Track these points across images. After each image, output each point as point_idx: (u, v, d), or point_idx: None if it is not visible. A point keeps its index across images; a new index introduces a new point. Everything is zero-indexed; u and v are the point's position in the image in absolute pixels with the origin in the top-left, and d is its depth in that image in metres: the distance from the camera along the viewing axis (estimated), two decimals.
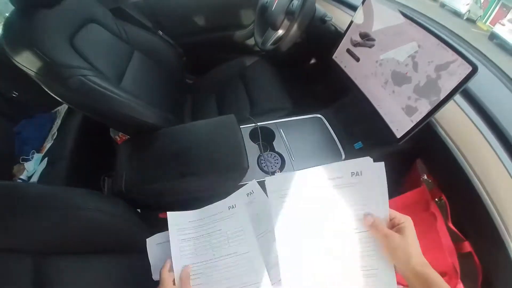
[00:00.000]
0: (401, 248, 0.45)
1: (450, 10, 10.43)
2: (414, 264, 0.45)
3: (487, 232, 0.62)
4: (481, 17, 9.80)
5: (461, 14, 10.22)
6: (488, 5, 9.55)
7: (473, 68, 0.58)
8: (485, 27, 9.20)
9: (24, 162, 1.31)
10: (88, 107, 0.85)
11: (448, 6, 10.77)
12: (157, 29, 1.39)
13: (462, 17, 10.17)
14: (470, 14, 10.14)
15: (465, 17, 10.21)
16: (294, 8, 1.02)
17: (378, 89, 0.80)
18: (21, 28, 0.78)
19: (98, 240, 0.67)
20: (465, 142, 0.69)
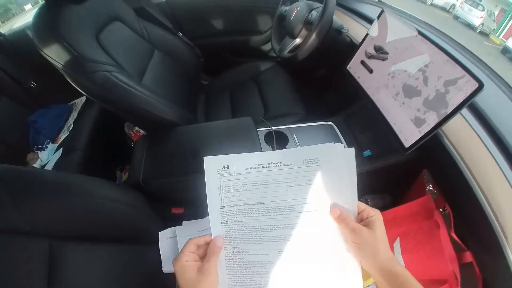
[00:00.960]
0: (369, 243, 0.42)
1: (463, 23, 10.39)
2: (382, 260, 0.42)
3: (488, 244, 0.63)
4: (494, 31, 9.73)
5: (474, 27, 10.18)
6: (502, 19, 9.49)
7: (480, 85, 0.60)
8: (498, 40, 9.12)
9: (38, 151, 1.35)
10: (110, 101, 0.88)
11: (461, 18, 10.73)
12: (177, 30, 1.43)
13: (475, 30, 10.11)
14: (483, 27, 10.08)
15: (478, 30, 10.16)
16: (313, 19, 1.06)
17: (389, 100, 0.82)
18: (51, 22, 0.80)
19: (112, 229, 0.68)
20: (471, 155, 0.70)
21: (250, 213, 0.48)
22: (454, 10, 11.19)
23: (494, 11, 10.47)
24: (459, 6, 10.83)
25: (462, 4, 10.81)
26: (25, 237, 0.55)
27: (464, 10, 10.46)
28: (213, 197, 0.49)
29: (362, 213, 0.46)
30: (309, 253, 0.46)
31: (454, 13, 11.11)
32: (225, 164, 0.49)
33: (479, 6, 10.17)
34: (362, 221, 0.46)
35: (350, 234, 0.44)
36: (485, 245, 0.66)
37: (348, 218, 0.45)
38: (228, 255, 0.48)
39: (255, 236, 0.48)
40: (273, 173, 0.48)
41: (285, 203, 0.47)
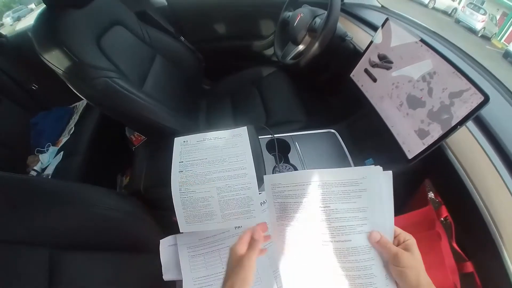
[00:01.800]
0: (412, 267, 0.42)
1: (465, 27, 10.43)
2: (423, 284, 0.42)
3: (489, 254, 0.63)
4: (496, 35, 9.74)
5: (476, 31, 10.23)
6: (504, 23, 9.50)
7: (485, 98, 0.59)
8: (500, 44, 9.13)
9: (39, 154, 1.35)
10: (111, 107, 0.88)
11: (463, 22, 10.78)
12: (179, 35, 1.42)
13: (477, 34, 10.16)
14: (485, 31, 10.13)
15: (480, 34, 10.20)
16: (317, 26, 1.05)
17: (392, 110, 0.82)
18: (51, 27, 0.81)
19: (112, 237, 0.69)
20: (473, 166, 0.70)
21: (197, 165, 0.72)
22: (455, 14, 11.26)
23: (496, 15, 10.50)
24: (461, 10, 10.91)
25: (463, 8, 10.89)
26: (25, 247, 0.55)
27: (465, 14, 10.53)
28: (175, 158, 0.74)
29: (399, 237, 0.46)
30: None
31: (455, 17, 11.18)
32: (186, 140, 0.78)
33: (480, 10, 10.23)
34: (399, 244, 0.46)
35: (392, 259, 0.43)
36: (486, 256, 0.66)
37: (389, 243, 0.44)
38: (182, 195, 0.69)
39: (201, 179, 0.69)
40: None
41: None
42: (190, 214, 0.70)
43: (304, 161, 0.90)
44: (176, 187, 0.71)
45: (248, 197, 0.69)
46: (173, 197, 0.70)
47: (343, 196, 0.46)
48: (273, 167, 0.88)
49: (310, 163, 0.90)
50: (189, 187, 0.70)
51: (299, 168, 0.89)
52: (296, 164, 0.89)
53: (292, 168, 0.89)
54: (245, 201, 0.69)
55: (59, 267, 0.57)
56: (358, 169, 0.47)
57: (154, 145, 0.93)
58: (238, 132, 0.78)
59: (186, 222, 0.70)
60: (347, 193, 0.46)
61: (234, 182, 0.69)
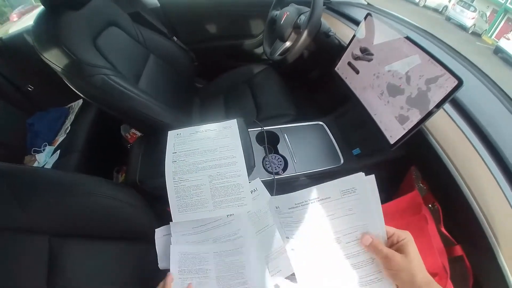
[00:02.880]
0: (404, 269, 0.42)
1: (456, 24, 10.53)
2: (419, 285, 0.42)
3: (477, 238, 0.65)
4: (486, 31, 9.84)
5: (466, 28, 10.33)
6: (494, 20, 9.59)
7: (459, 82, 0.63)
8: (490, 41, 9.23)
9: (35, 154, 1.36)
10: (108, 103, 0.90)
11: (453, 19, 10.88)
12: (171, 35, 1.46)
13: (467, 30, 10.27)
14: (475, 28, 10.24)
15: (470, 31, 10.31)
16: (301, 22, 1.09)
17: (374, 99, 0.85)
18: (51, 27, 0.83)
19: (110, 226, 0.71)
20: (454, 150, 0.73)
21: (190, 155, 0.76)
22: (446, 12, 11.40)
23: (486, 12, 10.61)
24: (451, 8, 11.04)
25: (454, 5, 11.02)
26: (26, 234, 0.57)
27: (456, 12, 10.66)
28: (169, 150, 0.78)
29: (392, 238, 0.46)
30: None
31: (446, 14, 11.31)
32: (179, 132, 0.82)
33: (471, 7, 10.36)
34: (393, 245, 0.46)
35: (384, 262, 0.44)
36: (474, 240, 0.68)
37: (380, 245, 0.45)
38: (176, 184, 0.73)
39: (193, 168, 0.73)
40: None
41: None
42: (183, 203, 0.73)
43: (293, 152, 0.93)
44: (170, 176, 0.74)
45: (238, 184, 0.72)
46: (167, 186, 0.73)
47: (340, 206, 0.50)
48: (263, 157, 0.91)
49: (299, 154, 0.93)
50: (182, 175, 0.74)
51: (288, 159, 0.92)
52: (285, 155, 0.93)
53: (281, 159, 0.92)
54: (235, 188, 0.72)
55: (58, 255, 0.59)
56: (347, 179, 0.50)
57: (149, 139, 0.95)
58: (228, 124, 0.82)
59: (179, 211, 0.73)
60: (342, 203, 0.50)
61: (224, 170, 0.73)
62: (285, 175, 0.88)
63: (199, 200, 0.72)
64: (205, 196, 0.72)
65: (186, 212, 0.73)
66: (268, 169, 0.88)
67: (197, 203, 0.72)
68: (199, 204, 0.72)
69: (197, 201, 0.72)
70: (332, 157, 0.94)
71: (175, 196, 0.73)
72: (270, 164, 0.89)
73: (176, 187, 0.73)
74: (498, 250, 0.60)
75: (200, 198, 0.72)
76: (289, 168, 0.90)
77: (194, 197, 0.72)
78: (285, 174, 0.88)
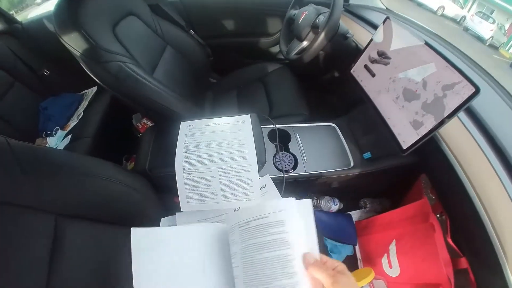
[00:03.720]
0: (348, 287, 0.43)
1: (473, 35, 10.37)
2: None
3: (484, 252, 0.64)
4: (504, 44, 9.64)
5: (484, 40, 10.17)
6: None
7: (476, 89, 0.62)
8: (508, 54, 9.06)
9: (47, 137, 1.39)
10: (122, 90, 0.91)
11: (471, 30, 10.71)
12: (189, 29, 1.46)
13: (484, 42, 10.10)
14: (493, 40, 10.06)
15: (488, 43, 10.13)
16: (320, 23, 1.09)
17: (389, 103, 0.85)
18: (72, 12, 0.84)
19: (117, 211, 0.71)
20: (468, 161, 0.72)
21: (201, 146, 0.77)
22: (464, 22, 11.24)
23: (505, 25, 10.42)
24: (470, 18, 10.88)
25: (472, 16, 10.86)
26: (33, 212, 0.57)
27: (474, 22, 10.52)
28: (181, 140, 0.79)
29: (327, 264, 0.46)
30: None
31: (464, 24, 11.16)
32: (192, 124, 0.83)
33: (489, 19, 10.21)
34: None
35: (328, 280, 0.43)
36: (481, 254, 0.67)
37: (324, 266, 0.45)
38: (185, 174, 0.74)
39: (203, 160, 0.74)
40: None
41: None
42: (192, 193, 0.73)
43: (303, 151, 0.93)
44: (180, 166, 0.74)
45: (248, 179, 0.72)
46: (177, 176, 0.74)
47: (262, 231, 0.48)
48: (273, 155, 0.91)
49: (309, 154, 0.93)
50: (192, 166, 0.74)
51: (299, 158, 0.92)
52: (296, 154, 0.93)
53: (291, 157, 0.92)
54: (245, 183, 0.72)
55: (63, 234, 0.59)
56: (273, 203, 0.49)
57: (160, 129, 0.96)
58: (242, 119, 0.83)
59: (188, 201, 0.74)
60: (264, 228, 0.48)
61: (235, 163, 0.73)
62: (295, 173, 0.88)
63: (208, 191, 0.73)
64: (214, 188, 0.73)
65: (195, 203, 0.73)
66: (278, 166, 0.88)
67: (206, 195, 0.73)
68: (207, 195, 0.73)
69: (206, 192, 0.73)
70: (342, 160, 0.93)
71: (184, 186, 0.74)
72: (280, 161, 0.89)
73: (185, 177, 0.74)
74: (506, 266, 0.59)
75: (209, 190, 0.73)
76: (299, 167, 0.90)
77: (203, 189, 0.73)
78: (294, 172, 0.88)
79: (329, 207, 0.99)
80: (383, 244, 0.87)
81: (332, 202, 0.99)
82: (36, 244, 0.55)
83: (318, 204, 0.98)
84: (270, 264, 0.46)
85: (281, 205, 0.48)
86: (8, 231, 0.53)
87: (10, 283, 0.49)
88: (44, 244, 0.56)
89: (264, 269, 0.46)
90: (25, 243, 0.54)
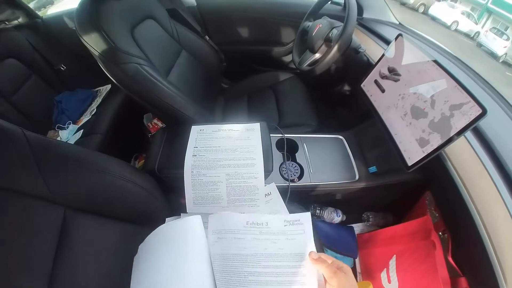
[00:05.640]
0: (346, 285, 0.47)
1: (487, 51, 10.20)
2: None
3: (484, 274, 0.64)
4: None
5: (497, 56, 10.01)
6: None
7: (483, 111, 0.62)
8: None
9: (59, 130, 1.43)
10: (137, 91, 0.93)
11: (485, 46, 10.56)
12: (204, 34, 1.49)
13: (498, 59, 9.93)
14: (506, 57, 9.87)
15: (501, 60, 9.95)
16: (333, 36, 1.10)
17: (397, 119, 0.85)
18: (94, 12, 0.86)
19: (123, 208, 0.72)
20: (472, 180, 0.72)
21: (210, 151, 0.79)
22: (478, 38, 11.11)
23: None
24: (484, 34, 10.76)
25: (486, 32, 10.74)
26: (44, 203, 0.59)
27: (488, 39, 10.41)
28: (191, 143, 0.82)
29: (333, 263, 0.52)
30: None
31: (478, 40, 11.02)
32: (202, 128, 0.86)
33: (503, 35, 10.08)
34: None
35: (328, 276, 0.49)
36: (480, 274, 0.67)
37: (327, 262, 0.51)
38: (193, 177, 0.76)
39: (212, 165, 0.76)
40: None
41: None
42: (198, 196, 0.76)
43: (310, 162, 0.95)
44: (189, 169, 0.77)
45: (254, 186, 0.74)
46: (185, 178, 0.76)
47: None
48: (280, 163, 0.93)
49: (316, 165, 0.94)
50: (200, 170, 0.76)
51: (305, 168, 0.93)
52: (302, 164, 0.94)
53: (298, 167, 0.93)
54: (251, 190, 0.74)
55: (70, 227, 0.61)
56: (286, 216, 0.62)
57: (171, 131, 0.98)
58: (252, 126, 0.85)
59: (194, 203, 0.76)
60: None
61: (242, 170, 0.75)
62: (300, 183, 0.89)
63: (214, 195, 0.75)
64: (221, 192, 0.75)
65: (200, 205, 0.76)
66: (284, 175, 0.90)
67: (212, 198, 0.75)
68: (213, 199, 0.75)
69: (212, 196, 0.75)
70: (347, 172, 0.94)
71: (191, 188, 0.76)
72: (286, 171, 0.91)
73: (193, 180, 0.76)
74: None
75: (215, 194, 0.75)
76: (305, 177, 0.91)
77: (210, 192, 0.75)
78: (300, 182, 0.89)
79: (332, 218, 0.99)
80: (383, 258, 0.87)
81: (335, 213, 1.00)
82: (44, 234, 0.57)
83: (321, 215, 0.99)
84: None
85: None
86: (19, 220, 0.55)
87: (16, 268, 0.51)
88: (52, 235, 0.58)
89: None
90: (35, 232, 0.56)
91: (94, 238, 0.66)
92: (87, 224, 0.65)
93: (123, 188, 0.71)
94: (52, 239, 0.57)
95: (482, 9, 13.36)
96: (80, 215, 0.64)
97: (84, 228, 0.64)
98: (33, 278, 0.52)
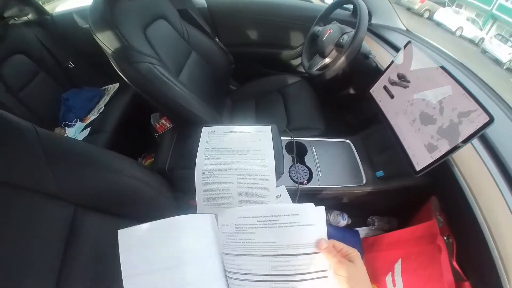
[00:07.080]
0: (350, 278, 0.46)
1: (491, 58, 10.15)
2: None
3: (489, 279, 0.64)
4: None
5: (501, 63, 9.97)
6: None
7: (490, 119, 0.64)
8: None
9: (65, 127, 1.43)
10: (149, 91, 0.93)
11: (489, 53, 10.53)
12: (214, 35, 1.49)
13: (502, 66, 9.88)
14: (510, 64, 9.80)
15: (505, 67, 9.91)
16: (344, 42, 1.11)
17: (405, 125, 0.86)
18: (108, 11, 0.86)
19: (133, 207, 0.72)
20: (480, 189, 0.72)
21: (222, 153, 0.80)
22: (482, 44, 11.10)
23: None
24: (488, 41, 10.74)
25: (491, 38, 10.71)
26: (53, 200, 0.58)
27: (492, 45, 10.39)
28: (202, 144, 0.82)
29: (341, 251, 0.49)
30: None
31: (482, 47, 11.01)
32: (213, 129, 0.86)
33: (508, 42, 10.04)
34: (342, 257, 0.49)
35: (335, 266, 0.47)
36: (485, 279, 0.67)
37: (334, 251, 0.48)
38: (204, 178, 0.77)
39: (223, 166, 0.77)
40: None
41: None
42: (209, 197, 0.76)
43: (318, 165, 0.96)
44: (200, 170, 0.77)
45: (265, 188, 0.75)
46: (196, 179, 0.77)
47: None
48: (290, 166, 0.94)
49: (324, 168, 0.96)
50: (212, 171, 0.77)
51: (314, 171, 0.94)
52: (311, 167, 0.95)
53: (307, 170, 0.94)
54: (262, 191, 0.75)
55: (79, 225, 0.60)
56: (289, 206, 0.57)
57: (181, 131, 0.99)
58: (263, 129, 0.86)
59: (204, 204, 0.76)
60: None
61: (254, 172, 0.76)
62: (309, 186, 0.91)
63: (225, 197, 0.76)
64: (232, 194, 0.76)
65: (211, 206, 0.76)
66: (294, 178, 0.91)
67: (223, 199, 0.76)
68: (224, 200, 0.76)
69: (223, 197, 0.76)
70: (355, 176, 0.95)
71: (202, 189, 0.77)
72: (296, 173, 0.92)
73: (204, 181, 0.77)
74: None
75: (226, 195, 0.76)
76: (313, 180, 0.92)
77: (221, 194, 0.76)
78: (309, 185, 0.91)
79: (338, 221, 1.00)
80: (388, 262, 0.88)
81: (341, 216, 1.01)
82: (53, 232, 0.56)
83: (327, 218, 1.00)
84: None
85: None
86: (30, 217, 0.54)
87: (24, 266, 0.50)
88: (61, 233, 0.57)
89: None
90: (44, 230, 0.55)
91: (106, 237, 0.64)
92: (96, 223, 0.65)
93: (134, 187, 0.72)
94: (61, 237, 0.57)
95: (487, 16, 13.39)
96: (90, 213, 0.64)
97: (95, 227, 0.64)
98: (42, 276, 0.52)
